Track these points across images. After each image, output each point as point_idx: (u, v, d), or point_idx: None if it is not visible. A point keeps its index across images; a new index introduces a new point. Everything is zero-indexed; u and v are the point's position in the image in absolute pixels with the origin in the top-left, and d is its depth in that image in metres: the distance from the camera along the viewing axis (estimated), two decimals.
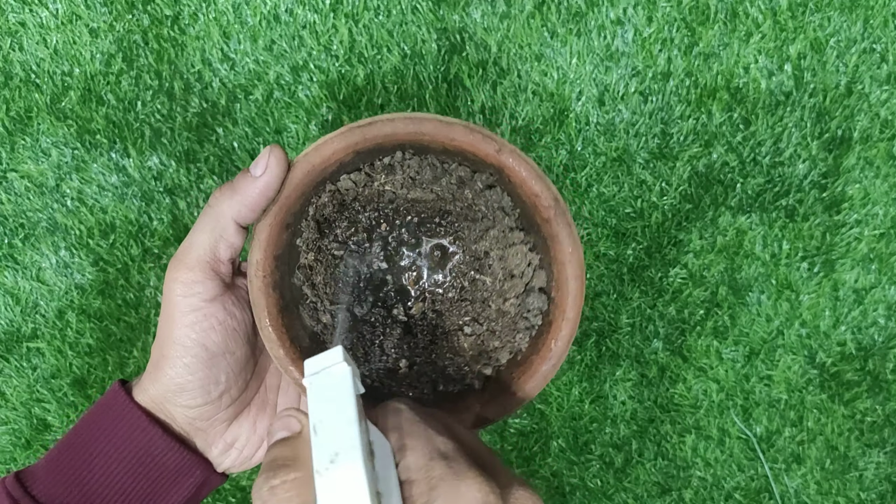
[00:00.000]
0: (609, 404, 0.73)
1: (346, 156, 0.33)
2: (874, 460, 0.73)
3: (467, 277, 0.37)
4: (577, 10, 0.65)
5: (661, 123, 0.67)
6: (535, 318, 0.35)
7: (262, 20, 0.66)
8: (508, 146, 0.32)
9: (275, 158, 0.32)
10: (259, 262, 0.33)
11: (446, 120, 0.32)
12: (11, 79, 0.66)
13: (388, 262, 0.37)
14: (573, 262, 0.33)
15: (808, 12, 0.66)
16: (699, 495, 0.74)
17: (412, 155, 0.35)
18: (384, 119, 0.32)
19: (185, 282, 0.33)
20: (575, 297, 0.33)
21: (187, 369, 0.33)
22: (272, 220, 0.33)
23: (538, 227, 0.34)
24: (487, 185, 0.35)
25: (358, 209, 0.37)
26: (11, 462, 0.72)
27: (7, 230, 0.69)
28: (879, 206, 0.69)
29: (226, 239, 0.33)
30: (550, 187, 0.32)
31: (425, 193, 0.36)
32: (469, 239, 0.37)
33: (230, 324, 0.34)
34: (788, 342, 0.71)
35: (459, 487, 0.23)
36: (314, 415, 0.24)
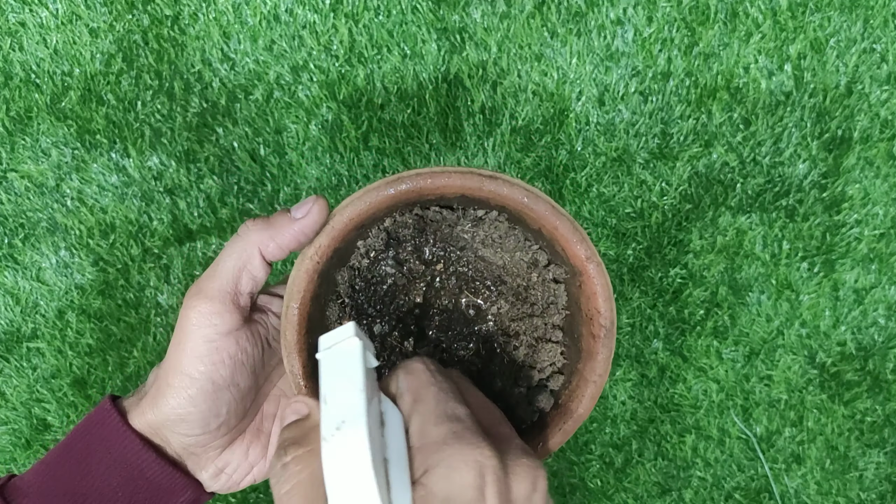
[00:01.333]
0: (609, 404, 0.73)
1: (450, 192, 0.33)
2: (874, 460, 0.73)
3: (487, 347, 0.37)
4: (577, 10, 0.65)
5: (661, 123, 0.67)
6: (534, 413, 0.36)
7: (262, 20, 0.66)
8: (597, 257, 0.33)
9: (318, 207, 0.32)
10: (321, 248, 0.33)
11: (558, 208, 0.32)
12: (11, 79, 0.66)
13: (425, 299, 0.37)
14: (596, 384, 0.34)
15: (808, 12, 0.66)
16: (699, 495, 0.74)
17: (505, 219, 0.35)
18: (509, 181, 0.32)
19: (204, 312, 0.32)
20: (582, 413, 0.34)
21: (191, 401, 0.33)
22: (352, 214, 0.33)
23: (580, 337, 0.35)
24: (555, 279, 0.36)
25: (429, 240, 0.37)
26: (11, 462, 0.72)
27: (7, 230, 0.69)
28: (879, 206, 0.69)
29: (250, 271, 0.33)
30: (613, 310, 0.33)
31: (495, 257, 0.36)
32: (508, 314, 0.37)
33: (240, 358, 0.34)
34: (788, 342, 0.71)
35: (463, 449, 0.24)
36: (324, 387, 0.25)
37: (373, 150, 0.68)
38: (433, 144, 0.68)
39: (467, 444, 0.24)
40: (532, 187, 0.32)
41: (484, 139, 0.68)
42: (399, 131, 0.68)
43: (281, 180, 0.68)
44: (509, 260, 0.36)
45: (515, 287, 0.37)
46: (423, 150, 0.68)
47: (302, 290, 0.33)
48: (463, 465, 0.23)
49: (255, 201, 0.69)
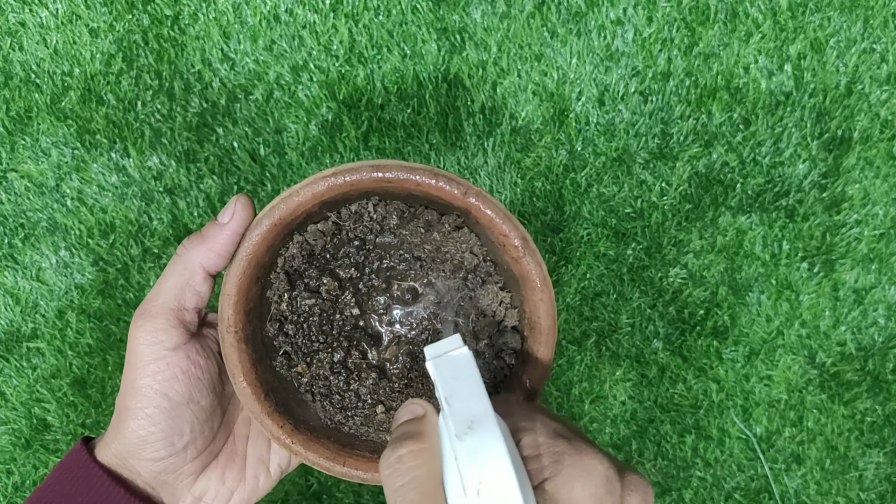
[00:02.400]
0: (609, 404, 0.73)
1: (312, 206, 0.33)
2: (874, 460, 0.73)
3: (439, 318, 0.38)
4: (577, 10, 0.65)
5: (661, 123, 0.67)
6: (510, 357, 0.36)
7: (262, 20, 0.66)
8: (474, 188, 0.33)
9: (241, 206, 0.33)
10: (230, 318, 0.33)
11: (410, 165, 0.32)
12: (11, 79, 0.66)
13: (360, 307, 0.38)
14: (544, 300, 0.34)
15: (808, 12, 0.66)
16: (699, 495, 0.74)
17: (378, 201, 0.35)
18: (349, 168, 0.32)
19: (149, 330, 0.33)
20: (548, 335, 0.34)
21: (149, 420, 0.32)
22: (241, 275, 0.33)
23: (508, 266, 0.34)
24: (455, 227, 0.36)
25: (327, 258, 0.37)
26: (11, 462, 0.72)
27: (7, 230, 0.69)
28: (879, 207, 0.69)
29: (192, 287, 0.33)
30: (518, 227, 0.33)
31: (393, 238, 0.36)
32: (439, 280, 0.37)
33: (194, 373, 0.33)
34: (788, 342, 0.71)
35: (584, 460, 0.25)
36: (444, 390, 0.26)
37: (373, 150, 0.68)
38: (433, 144, 0.68)
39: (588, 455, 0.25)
40: (375, 161, 0.32)
41: (484, 139, 0.68)
42: (399, 131, 0.68)
43: (281, 180, 0.68)
44: (408, 234, 0.36)
45: (428, 253, 0.37)
46: (423, 149, 0.68)
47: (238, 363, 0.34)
48: (586, 475, 0.24)
49: (255, 201, 0.69)
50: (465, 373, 0.26)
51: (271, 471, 0.38)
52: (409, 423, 0.28)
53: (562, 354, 0.72)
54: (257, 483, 0.37)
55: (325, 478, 0.73)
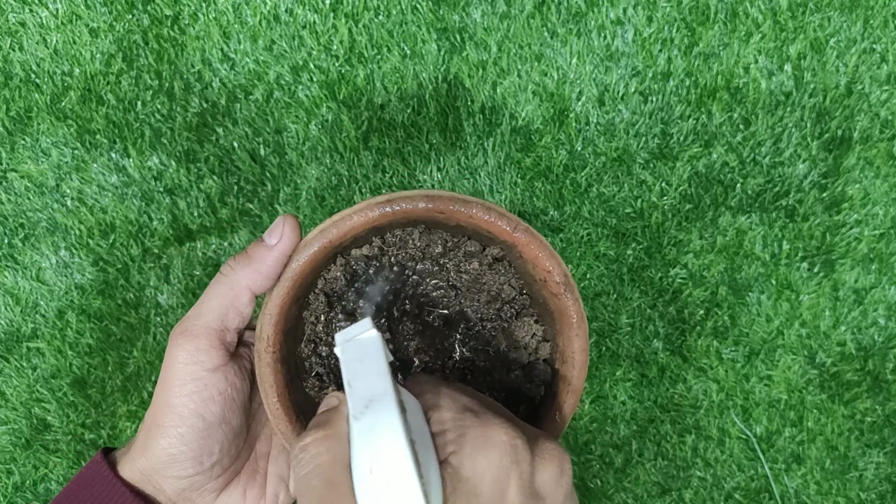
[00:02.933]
0: (609, 404, 0.73)
1: (362, 231, 0.33)
2: (874, 460, 0.73)
3: (469, 348, 0.38)
4: (577, 10, 0.65)
5: (661, 123, 0.67)
6: (538, 388, 0.36)
7: (262, 20, 0.66)
8: (522, 224, 0.33)
9: (289, 227, 0.33)
10: (270, 338, 0.33)
11: (464, 198, 0.33)
12: (11, 79, 0.66)
13: (392, 332, 0.38)
14: (580, 336, 0.34)
15: (808, 12, 0.66)
16: (699, 495, 0.74)
17: (424, 229, 0.35)
18: (403, 196, 0.32)
19: (190, 349, 0.32)
20: (580, 369, 0.35)
21: (182, 440, 0.32)
22: (284, 295, 0.33)
23: (545, 300, 0.35)
24: (495, 259, 0.36)
25: (367, 281, 0.37)
26: (11, 462, 0.72)
27: (7, 230, 0.69)
28: (879, 206, 0.69)
29: (237, 308, 0.33)
30: (561, 264, 0.34)
31: (432, 265, 0.37)
32: (471, 310, 0.38)
33: (230, 394, 0.33)
34: (788, 342, 0.71)
35: (487, 431, 0.24)
36: (347, 373, 0.25)
37: (373, 150, 0.68)
38: (433, 144, 0.68)
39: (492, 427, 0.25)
40: (430, 192, 0.33)
41: (484, 139, 0.68)
42: (399, 131, 0.68)
43: (281, 180, 0.68)
44: (448, 262, 0.37)
45: (466, 283, 0.37)
46: (423, 150, 0.68)
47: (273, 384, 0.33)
48: (490, 446, 0.24)
49: (255, 201, 0.69)
50: (370, 355, 0.26)
51: (291, 489, 0.38)
52: (320, 415, 0.27)
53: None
54: (277, 500, 0.37)
55: None
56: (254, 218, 0.69)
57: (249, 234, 0.69)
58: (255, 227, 0.69)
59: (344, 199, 0.69)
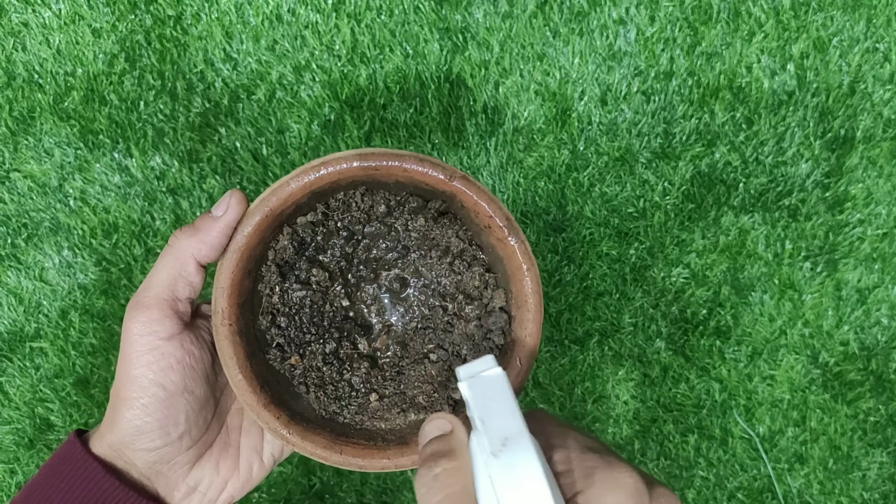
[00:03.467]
0: (612, 404, 0.73)
1: (302, 197, 0.34)
2: (877, 460, 0.73)
3: (427, 305, 0.38)
4: (579, 9, 0.65)
5: (663, 123, 0.67)
6: (499, 337, 0.37)
7: (264, 20, 0.66)
8: (459, 173, 0.34)
9: (235, 200, 0.33)
10: (224, 311, 0.34)
11: (397, 153, 0.33)
12: (14, 79, 0.66)
13: (350, 298, 0.38)
14: (530, 278, 0.34)
15: (810, 11, 0.66)
16: (702, 495, 0.74)
17: (365, 190, 0.36)
18: (337, 158, 0.33)
19: (143, 321, 0.33)
20: (535, 312, 0.35)
21: (145, 410, 0.33)
22: (234, 267, 0.34)
23: (493, 247, 0.35)
24: (440, 212, 0.36)
25: (317, 249, 0.37)
26: (15, 461, 0.72)
27: (10, 230, 0.69)
28: (882, 206, 0.69)
29: (185, 277, 0.34)
30: (502, 208, 0.34)
31: (381, 227, 0.37)
32: (426, 267, 0.38)
33: (188, 362, 0.34)
34: (791, 342, 0.71)
35: (614, 473, 0.25)
36: (477, 410, 0.27)
37: None
38: (435, 144, 0.68)
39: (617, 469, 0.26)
40: (363, 150, 0.33)
41: (486, 139, 0.68)
42: (401, 131, 0.68)
43: None
44: (395, 222, 0.37)
45: (416, 241, 0.38)
46: (426, 149, 0.68)
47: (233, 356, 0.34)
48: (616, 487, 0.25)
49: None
50: (498, 392, 0.27)
51: (264, 460, 0.38)
52: (438, 441, 0.28)
53: (564, 354, 0.72)
54: (251, 472, 0.38)
55: (328, 477, 0.73)
56: None
57: None
58: None
59: None
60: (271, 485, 0.73)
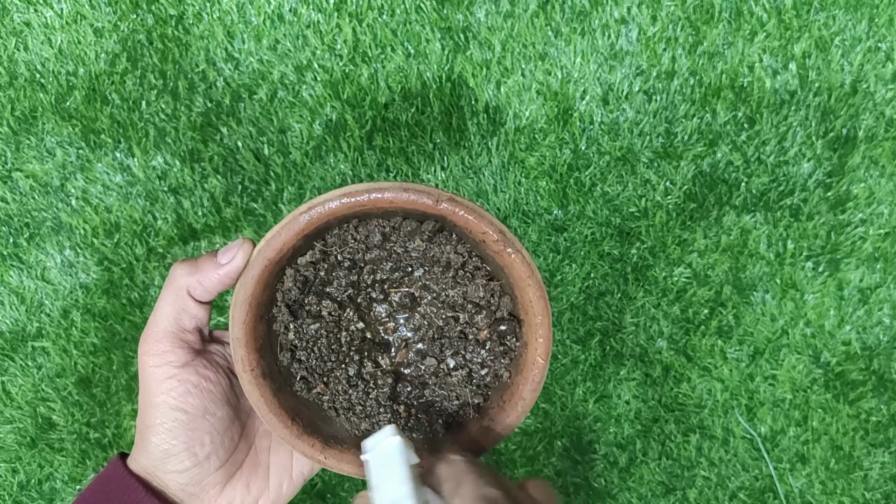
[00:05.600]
0: (613, 404, 0.73)
1: (297, 242, 0.35)
2: (879, 460, 0.73)
3: (439, 317, 0.40)
4: (581, 9, 0.65)
5: (665, 122, 0.67)
6: (511, 341, 0.38)
7: (266, 20, 0.66)
8: (445, 194, 0.35)
9: (243, 253, 0.35)
10: (244, 359, 0.35)
11: (379, 186, 0.34)
12: (16, 79, 0.66)
13: (364, 320, 0.40)
14: (533, 284, 0.36)
15: (812, 11, 0.65)
16: (703, 495, 0.74)
17: (358, 223, 0.37)
18: (322, 200, 0.34)
19: (156, 353, 0.35)
20: (543, 315, 0.36)
21: (170, 434, 0.35)
22: (245, 317, 0.35)
23: (492, 258, 0.37)
24: (436, 231, 0.38)
25: (322, 283, 0.39)
26: (17, 461, 0.72)
27: (12, 230, 0.69)
28: (885, 206, 0.69)
29: (187, 311, 0.36)
30: (494, 222, 0.35)
31: (381, 252, 0.39)
32: (431, 282, 0.39)
33: (206, 386, 0.35)
34: (793, 342, 0.71)
35: None
36: (374, 479, 0.29)
37: (377, 150, 0.68)
38: (437, 143, 0.68)
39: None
40: (346, 189, 0.34)
41: (488, 138, 0.68)
42: (403, 130, 0.68)
43: (285, 180, 0.68)
44: (393, 245, 0.38)
45: (417, 259, 0.39)
46: (427, 149, 0.68)
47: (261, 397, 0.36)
48: None
49: (260, 201, 0.69)
50: (393, 460, 0.29)
51: (294, 477, 0.40)
52: None
53: (566, 354, 0.72)
54: (281, 490, 0.39)
55: (329, 477, 0.73)
56: (258, 217, 0.69)
57: (253, 234, 0.69)
58: (260, 226, 0.69)
59: None
60: None
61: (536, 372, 0.36)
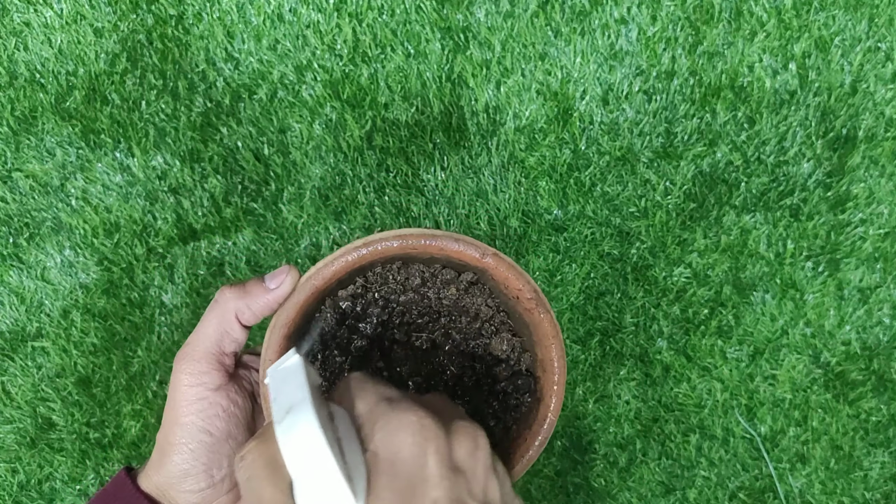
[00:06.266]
0: (613, 403, 0.73)
1: (344, 274, 0.37)
2: (879, 460, 0.73)
3: (457, 365, 0.41)
4: (581, 9, 0.65)
5: (665, 122, 0.67)
6: (524, 396, 0.39)
7: (265, 20, 0.66)
8: (490, 250, 0.36)
9: (290, 279, 0.36)
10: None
11: (432, 233, 0.36)
12: (16, 78, 0.66)
13: (385, 361, 0.41)
14: (556, 344, 0.38)
15: (812, 11, 0.65)
16: (703, 495, 0.74)
17: (401, 265, 0.39)
18: (378, 238, 0.36)
19: (192, 372, 0.36)
20: (560, 374, 0.38)
21: (193, 454, 0.35)
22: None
23: (520, 315, 0.38)
24: (471, 282, 0.39)
25: (356, 318, 0.40)
26: (17, 461, 0.72)
27: (12, 230, 0.69)
28: (884, 206, 0.69)
29: (230, 334, 0.36)
30: (530, 282, 0.37)
31: (415, 295, 0.40)
32: (455, 331, 0.41)
33: (233, 411, 0.36)
34: (793, 342, 0.71)
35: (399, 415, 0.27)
36: (273, 392, 0.29)
37: (376, 150, 0.68)
38: (437, 143, 0.68)
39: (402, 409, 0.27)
40: (401, 231, 0.36)
41: (488, 138, 0.68)
42: (403, 130, 0.68)
43: (285, 179, 0.68)
44: (428, 291, 0.40)
45: (447, 308, 0.40)
46: (427, 149, 0.68)
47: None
48: (402, 427, 0.27)
49: (259, 200, 0.69)
50: (292, 375, 0.29)
51: None
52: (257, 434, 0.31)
53: (566, 353, 0.72)
54: None
55: None
56: (258, 217, 0.69)
57: (253, 234, 0.69)
58: (260, 226, 0.69)
59: (348, 198, 0.69)
60: None
61: (546, 428, 0.38)
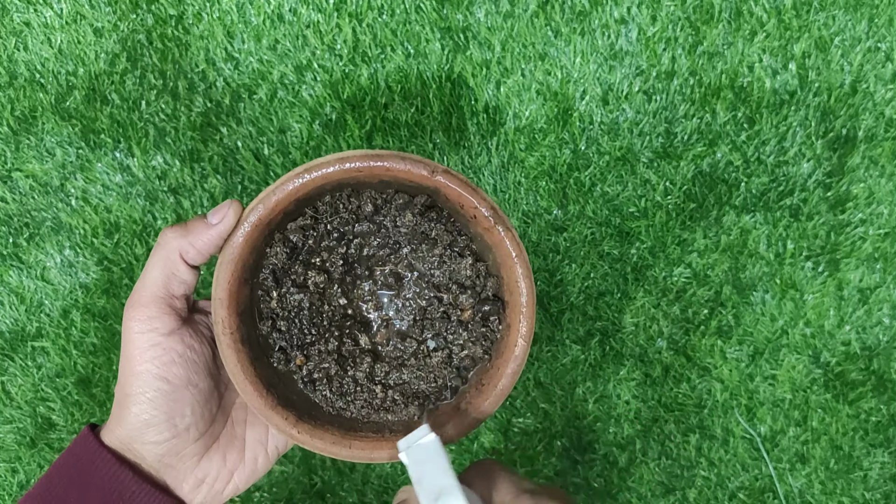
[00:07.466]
0: (613, 404, 0.73)
1: (289, 204, 0.35)
2: (879, 460, 0.73)
3: (423, 297, 0.39)
4: (580, 9, 0.65)
5: (665, 122, 0.67)
6: (494, 322, 0.38)
7: (265, 19, 0.66)
8: (441, 167, 0.34)
9: (233, 212, 0.34)
10: (224, 321, 0.35)
11: (377, 153, 0.34)
12: (16, 78, 0.66)
13: (347, 297, 0.39)
14: (519, 263, 0.35)
15: (812, 11, 0.65)
16: (703, 495, 0.74)
17: (351, 192, 0.37)
18: (318, 163, 0.34)
19: (142, 318, 0.34)
20: (527, 296, 0.36)
21: (151, 404, 0.34)
22: (230, 277, 0.35)
23: (481, 236, 0.36)
24: (427, 206, 0.38)
25: (310, 252, 0.39)
26: (17, 460, 0.72)
27: (12, 229, 0.69)
28: (884, 206, 0.69)
29: (177, 276, 0.35)
30: (486, 198, 0.35)
31: (371, 225, 0.38)
32: (417, 260, 0.39)
33: (190, 356, 0.35)
34: (793, 342, 0.71)
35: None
36: (415, 473, 0.29)
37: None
38: (437, 144, 0.68)
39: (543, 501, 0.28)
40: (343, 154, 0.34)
41: (488, 138, 0.68)
42: (403, 130, 0.68)
43: None
44: (383, 220, 0.38)
45: (406, 236, 0.39)
46: (427, 149, 0.68)
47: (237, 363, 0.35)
48: None
49: None
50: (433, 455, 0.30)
51: (269, 452, 0.39)
52: None
53: (566, 354, 0.72)
54: (256, 464, 0.39)
55: (329, 476, 0.73)
56: None
57: None
58: None
59: None
60: (273, 484, 0.73)
61: (518, 354, 0.36)
